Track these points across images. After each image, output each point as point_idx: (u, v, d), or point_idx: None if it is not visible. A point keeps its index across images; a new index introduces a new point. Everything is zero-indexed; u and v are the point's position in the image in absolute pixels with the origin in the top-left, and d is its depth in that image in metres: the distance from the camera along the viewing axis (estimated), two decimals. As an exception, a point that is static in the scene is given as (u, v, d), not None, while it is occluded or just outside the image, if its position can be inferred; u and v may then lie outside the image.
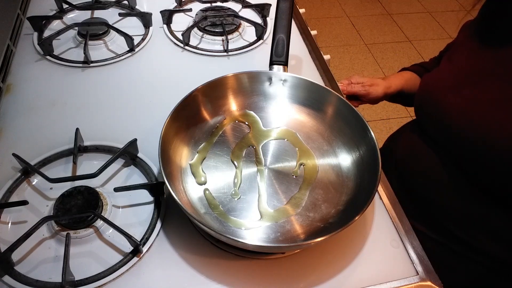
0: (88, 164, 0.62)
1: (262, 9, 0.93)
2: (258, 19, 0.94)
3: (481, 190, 0.62)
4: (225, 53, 0.84)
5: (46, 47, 0.78)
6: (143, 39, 0.85)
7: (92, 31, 0.82)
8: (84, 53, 0.76)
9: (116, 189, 0.56)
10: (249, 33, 0.89)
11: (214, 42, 0.86)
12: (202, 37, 0.87)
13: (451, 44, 0.76)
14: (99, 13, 0.89)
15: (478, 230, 0.64)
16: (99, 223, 0.54)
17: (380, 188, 0.63)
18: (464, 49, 0.68)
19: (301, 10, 1.00)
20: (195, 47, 0.84)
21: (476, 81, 0.62)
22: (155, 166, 0.62)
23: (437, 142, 0.68)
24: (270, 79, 0.69)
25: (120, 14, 0.87)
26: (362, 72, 2.28)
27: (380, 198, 0.62)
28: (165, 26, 0.88)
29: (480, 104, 0.60)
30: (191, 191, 0.58)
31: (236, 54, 0.84)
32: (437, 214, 0.69)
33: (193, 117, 0.65)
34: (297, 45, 0.88)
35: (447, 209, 0.67)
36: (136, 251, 0.52)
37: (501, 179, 0.58)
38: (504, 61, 0.60)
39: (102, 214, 0.55)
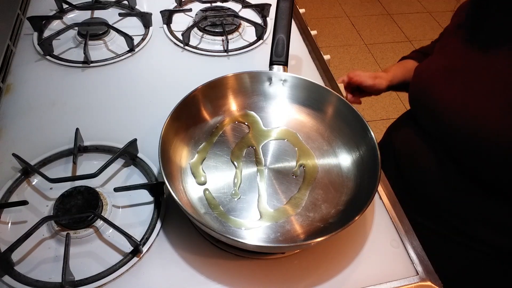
0: (88, 164, 0.62)
1: (262, 9, 0.93)
2: (258, 19, 0.94)
3: (474, 181, 0.62)
4: (225, 53, 0.84)
5: (46, 47, 0.78)
6: (143, 39, 0.85)
7: (92, 31, 0.82)
8: (84, 53, 0.76)
9: (116, 189, 0.56)
10: (249, 33, 0.89)
11: (214, 42, 0.86)
12: (202, 37, 0.87)
13: (447, 28, 0.76)
14: (99, 13, 0.89)
15: (473, 219, 0.65)
16: (99, 223, 0.54)
17: (380, 188, 0.63)
18: (456, 38, 0.68)
19: (301, 10, 1.00)
20: (195, 47, 0.84)
21: (468, 72, 0.62)
22: (155, 166, 0.62)
23: (431, 134, 0.69)
24: (270, 79, 0.69)
25: (120, 14, 0.87)
26: (362, 72, 2.28)
27: (380, 198, 0.62)
28: (165, 26, 0.88)
29: (472, 95, 0.60)
30: (191, 191, 0.58)
31: (236, 54, 0.84)
32: (433, 205, 0.69)
33: (193, 117, 0.65)
34: (297, 45, 0.88)
35: (442, 200, 0.68)
36: (136, 251, 0.52)
37: (494, 171, 0.59)
38: (495, 54, 0.60)
39: (102, 214, 0.55)
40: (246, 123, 0.68)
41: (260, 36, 0.88)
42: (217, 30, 0.87)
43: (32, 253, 0.52)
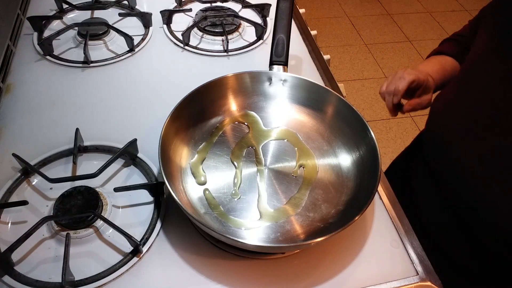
0: (88, 164, 0.62)
1: (262, 9, 0.93)
2: (258, 19, 0.93)
3: (468, 230, 0.62)
4: (225, 53, 0.84)
5: (46, 47, 0.78)
6: (143, 39, 0.85)
7: (92, 31, 0.82)
8: (84, 53, 0.76)
9: (116, 189, 0.56)
10: (249, 33, 0.89)
11: (214, 42, 0.86)
12: (202, 37, 0.87)
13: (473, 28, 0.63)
14: (99, 13, 0.89)
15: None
16: (99, 223, 0.54)
17: (380, 188, 0.63)
18: (484, 75, 0.57)
19: (301, 10, 1.00)
20: (195, 47, 0.84)
21: (497, 128, 0.54)
22: (155, 166, 0.62)
23: (435, 175, 0.67)
24: (270, 79, 0.69)
25: (120, 14, 0.87)
26: (362, 72, 2.28)
27: (380, 198, 0.62)
28: (165, 26, 0.88)
29: (497, 170, 0.54)
30: (191, 191, 0.58)
31: (236, 54, 0.84)
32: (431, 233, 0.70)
33: (193, 117, 0.65)
34: (297, 45, 0.88)
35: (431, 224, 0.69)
36: (136, 251, 0.52)
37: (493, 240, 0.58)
38: None
39: (102, 214, 0.55)
40: (246, 123, 0.68)
41: (260, 36, 0.88)
42: (217, 30, 0.87)
43: (32, 253, 0.52)
